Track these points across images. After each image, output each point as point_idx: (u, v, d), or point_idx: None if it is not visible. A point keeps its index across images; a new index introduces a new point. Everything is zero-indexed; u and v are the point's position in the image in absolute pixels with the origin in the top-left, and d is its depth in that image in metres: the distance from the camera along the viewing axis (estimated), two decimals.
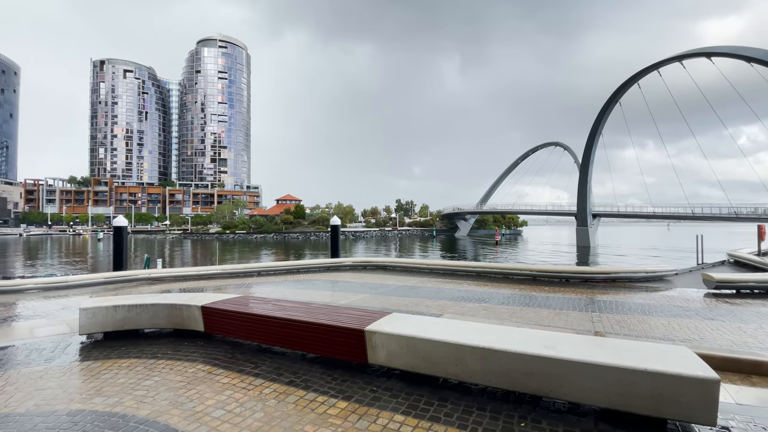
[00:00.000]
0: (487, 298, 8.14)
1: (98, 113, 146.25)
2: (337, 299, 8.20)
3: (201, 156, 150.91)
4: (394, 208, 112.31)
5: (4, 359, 4.65)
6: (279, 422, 3.12)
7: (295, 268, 13.18)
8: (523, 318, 6.47)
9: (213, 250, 50.14)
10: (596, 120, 55.73)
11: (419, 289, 9.42)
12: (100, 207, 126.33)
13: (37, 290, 9.80)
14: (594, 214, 57.56)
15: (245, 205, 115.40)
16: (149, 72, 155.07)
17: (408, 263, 13.10)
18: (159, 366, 4.41)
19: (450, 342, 3.61)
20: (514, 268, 11.28)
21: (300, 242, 68.08)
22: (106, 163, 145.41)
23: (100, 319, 5.44)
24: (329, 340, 4.34)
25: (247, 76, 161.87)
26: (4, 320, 6.82)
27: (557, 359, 3.15)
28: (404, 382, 3.85)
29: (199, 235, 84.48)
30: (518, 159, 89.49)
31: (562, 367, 3.13)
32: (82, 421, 3.15)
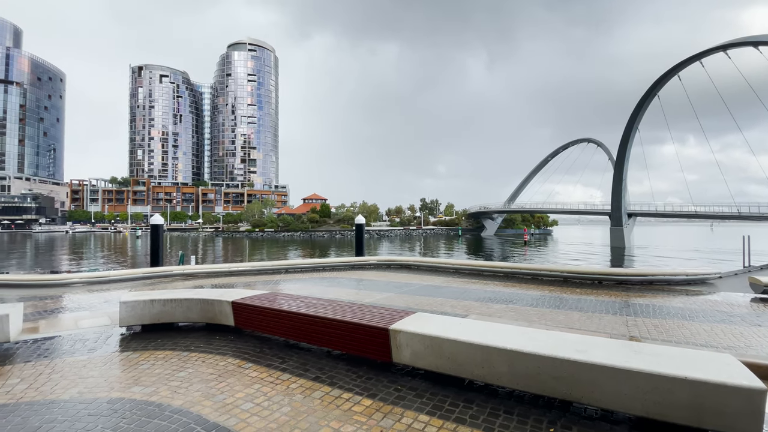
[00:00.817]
0: (515, 300, 7.96)
1: (137, 117, 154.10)
2: (362, 297, 8.25)
3: (231, 157, 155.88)
4: (419, 206, 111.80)
5: (51, 348, 4.97)
6: (305, 417, 3.17)
7: (320, 266, 13.38)
8: (553, 321, 6.28)
9: (243, 248, 51.70)
10: (632, 114, 53.19)
11: (444, 289, 9.33)
12: (139, 206, 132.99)
13: (81, 284, 10.43)
14: (629, 214, 55.05)
15: (273, 204, 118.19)
16: (183, 76, 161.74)
17: (433, 262, 13.00)
18: (192, 358, 4.59)
19: (476, 343, 3.55)
20: (543, 269, 10.96)
21: (325, 240, 69.03)
22: (144, 164, 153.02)
23: (138, 313, 5.73)
24: (354, 337, 4.37)
25: (275, 78, 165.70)
26: (51, 312, 7.30)
27: (589, 364, 3.03)
28: (429, 382, 3.83)
29: (230, 233, 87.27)
30: (548, 156, 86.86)
31: (594, 372, 3.01)
32: (121, 409, 3.32)
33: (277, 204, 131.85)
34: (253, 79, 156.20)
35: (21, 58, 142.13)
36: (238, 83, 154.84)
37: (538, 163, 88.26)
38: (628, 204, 55.66)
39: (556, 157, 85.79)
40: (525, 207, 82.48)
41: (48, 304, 7.94)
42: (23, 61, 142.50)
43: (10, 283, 10.41)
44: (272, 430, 2.98)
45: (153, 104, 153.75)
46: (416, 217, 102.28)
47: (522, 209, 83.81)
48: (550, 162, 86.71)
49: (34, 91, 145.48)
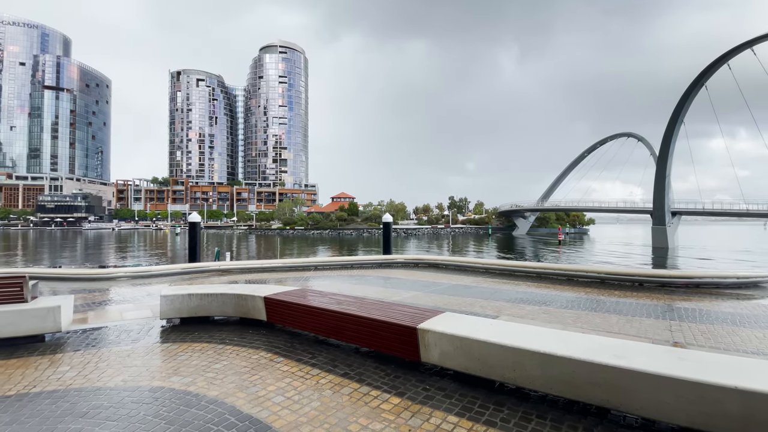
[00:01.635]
0: (548, 301, 7.69)
1: (175, 119, 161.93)
2: (390, 295, 8.25)
3: (264, 157, 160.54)
4: (447, 205, 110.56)
5: (99, 338, 5.31)
6: (334, 413, 3.21)
7: (348, 264, 13.51)
8: (590, 324, 6.02)
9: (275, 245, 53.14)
10: (677, 106, 49.98)
11: (473, 288, 9.16)
12: (178, 204, 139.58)
13: (126, 278, 11.08)
14: (673, 212, 51.87)
15: (303, 203, 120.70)
16: (218, 80, 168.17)
17: (461, 262, 12.81)
18: (227, 351, 4.76)
19: (507, 345, 3.46)
20: (579, 270, 10.53)
21: (353, 239, 69.69)
22: (183, 164, 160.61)
23: (177, 306, 6.01)
24: (382, 335, 4.38)
25: (305, 79, 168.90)
26: (99, 304, 7.80)
27: (629, 370, 2.88)
28: (458, 382, 3.77)
29: (262, 231, 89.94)
30: (584, 152, 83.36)
31: (634, 378, 2.86)
32: (161, 398, 3.49)
33: (307, 202, 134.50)
34: (284, 81, 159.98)
35: (71, 66, 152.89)
36: (270, 85, 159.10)
37: (573, 159, 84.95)
38: (672, 202, 52.45)
39: (593, 152, 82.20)
40: (559, 205, 79.56)
41: (96, 297, 8.49)
42: (73, 69, 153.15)
43: (62, 276, 11.22)
44: (302, 423, 3.03)
45: (190, 107, 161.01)
46: (444, 215, 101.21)
47: (556, 207, 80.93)
48: (586, 158, 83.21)
49: (83, 97, 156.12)
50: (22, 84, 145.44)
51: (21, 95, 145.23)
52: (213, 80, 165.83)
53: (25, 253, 41.66)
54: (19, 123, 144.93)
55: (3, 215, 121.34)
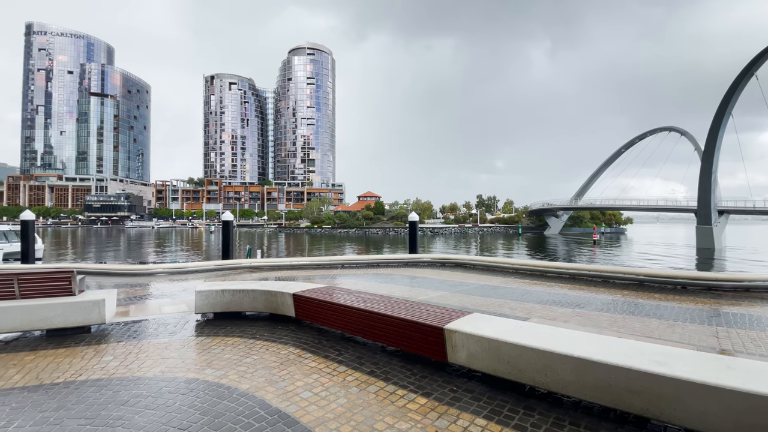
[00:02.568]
0: (582, 304, 7.40)
1: (210, 122, 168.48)
2: (416, 295, 8.20)
3: (293, 157, 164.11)
4: (475, 203, 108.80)
5: (140, 331, 5.60)
6: (360, 410, 3.22)
7: (375, 262, 13.55)
8: (627, 328, 5.73)
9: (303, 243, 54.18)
10: (724, 98, 46.71)
11: (502, 289, 8.95)
12: (212, 204, 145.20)
13: (164, 274, 11.62)
14: (720, 210, 48.58)
15: (330, 202, 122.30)
16: (249, 83, 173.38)
17: (490, 262, 12.55)
18: (257, 346, 4.89)
19: (538, 348, 3.34)
20: (616, 271, 10.05)
21: (379, 237, 69.90)
22: (216, 165, 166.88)
23: (211, 301, 6.24)
24: (408, 335, 4.35)
25: (332, 80, 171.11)
26: (140, 298, 8.23)
27: (671, 378, 2.71)
28: (486, 385, 3.69)
29: (291, 229, 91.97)
30: (621, 148, 79.56)
31: (677, 387, 2.69)
32: (196, 389, 3.63)
33: (334, 201, 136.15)
34: (312, 82, 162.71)
35: (114, 73, 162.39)
36: (298, 87, 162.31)
37: (610, 155, 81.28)
38: (718, 199, 49.14)
39: (631, 148, 78.30)
40: (594, 203, 76.31)
41: (137, 291, 8.96)
42: (116, 76, 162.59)
43: (107, 271, 11.92)
44: (329, 420, 3.06)
45: (223, 110, 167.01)
46: (472, 214, 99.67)
47: (591, 206, 77.69)
48: (623, 154, 79.37)
49: (125, 102, 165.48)
50: (71, 91, 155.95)
51: (69, 102, 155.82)
52: (244, 83, 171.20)
53: (74, 250, 44.66)
54: (68, 128, 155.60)
55: (54, 214, 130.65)
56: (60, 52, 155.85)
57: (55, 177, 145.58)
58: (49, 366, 4.23)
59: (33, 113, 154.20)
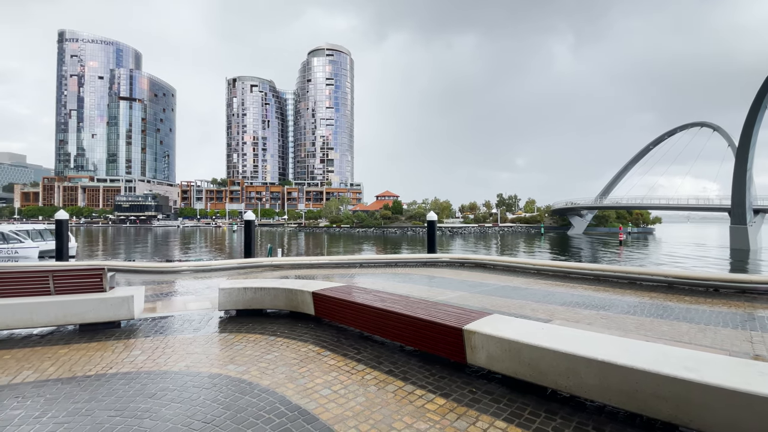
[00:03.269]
0: (607, 306, 7.18)
1: (232, 124, 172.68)
2: (434, 295, 8.15)
3: (312, 157, 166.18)
4: (495, 202, 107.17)
5: (166, 326, 5.79)
6: (379, 409, 3.23)
7: (393, 262, 13.55)
8: (655, 332, 5.53)
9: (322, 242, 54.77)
10: (759, 92, 44.24)
11: (524, 290, 8.79)
12: (234, 203, 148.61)
13: (189, 272, 11.97)
14: (756, 209, 46.14)
15: (349, 202, 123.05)
16: (270, 85, 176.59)
17: (511, 262, 12.34)
18: (278, 343, 4.98)
19: (560, 351, 3.27)
20: (643, 273, 9.71)
21: (397, 237, 69.84)
22: (239, 166, 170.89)
23: (234, 298, 6.39)
24: (426, 335, 4.33)
25: (350, 80, 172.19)
26: (166, 295, 8.51)
27: (701, 384, 2.60)
28: (506, 387, 3.63)
29: (311, 229, 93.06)
30: (649, 145, 76.65)
31: (707, 394, 2.58)
32: (219, 384, 3.73)
33: (352, 201, 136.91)
34: (331, 83, 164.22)
35: (141, 78, 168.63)
36: (318, 88, 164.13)
37: (636, 152, 78.51)
38: (754, 198, 46.67)
39: (659, 145, 75.38)
40: (620, 202, 73.79)
41: (163, 288, 9.27)
42: (143, 80, 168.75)
43: (135, 269, 12.38)
44: (348, 417, 3.09)
45: (245, 112, 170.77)
46: (492, 213, 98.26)
47: (617, 205, 75.17)
48: (651, 151, 76.47)
49: (152, 105, 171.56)
50: (101, 96, 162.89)
51: (100, 106, 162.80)
52: (265, 85, 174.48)
53: (105, 248, 46.60)
54: (99, 131, 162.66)
55: (86, 213, 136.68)
56: (91, 58, 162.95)
57: (87, 178, 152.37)
58: (81, 359, 4.43)
59: (66, 117, 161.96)
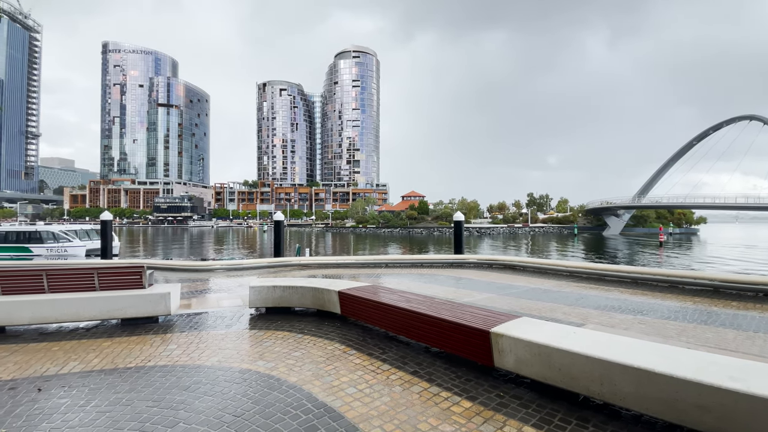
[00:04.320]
0: (645, 310, 6.83)
1: (262, 127, 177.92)
2: (461, 296, 8.04)
3: (339, 159, 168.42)
4: (525, 202, 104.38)
5: (200, 322, 6.03)
6: (404, 409, 3.22)
7: (419, 262, 13.48)
8: (698, 339, 5.21)
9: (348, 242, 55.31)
10: None
11: (555, 293, 8.51)
12: (265, 204, 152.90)
13: (222, 270, 12.42)
14: None
15: (375, 202, 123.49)
16: (298, 88, 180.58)
17: (542, 264, 11.97)
18: (305, 341, 5.07)
19: (593, 356, 3.14)
20: (686, 276, 9.16)
21: (423, 237, 69.39)
22: (269, 168, 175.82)
23: (264, 296, 6.57)
24: (452, 336, 4.28)
25: (376, 81, 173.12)
26: (201, 292, 8.86)
27: (749, 395, 2.42)
28: (535, 392, 3.53)
29: (338, 229, 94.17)
30: (693, 140, 72.40)
31: (756, 406, 2.39)
32: (249, 379, 3.85)
33: (378, 201, 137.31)
34: (357, 85, 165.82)
35: (178, 85, 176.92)
36: (344, 89, 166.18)
37: (678, 149, 74.33)
38: None
39: (703, 140, 71.01)
40: (661, 201, 69.99)
41: (198, 286, 9.66)
42: (180, 87, 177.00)
43: (172, 267, 12.98)
44: (373, 417, 3.10)
45: (275, 115, 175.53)
46: (522, 213, 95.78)
47: (657, 204, 71.37)
48: (695, 147, 72.19)
49: (188, 111, 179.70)
50: (141, 103, 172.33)
51: (140, 113, 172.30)
52: (294, 89, 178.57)
53: (145, 247, 49.14)
54: (140, 136, 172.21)
55: (128, 214, 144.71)
56: (132, 67, 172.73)
57: (128, 181, 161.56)
58: (122, 352, 4.69)
59: (110, 124, 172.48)
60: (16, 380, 3.84)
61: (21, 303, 5.48)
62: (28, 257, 21.75)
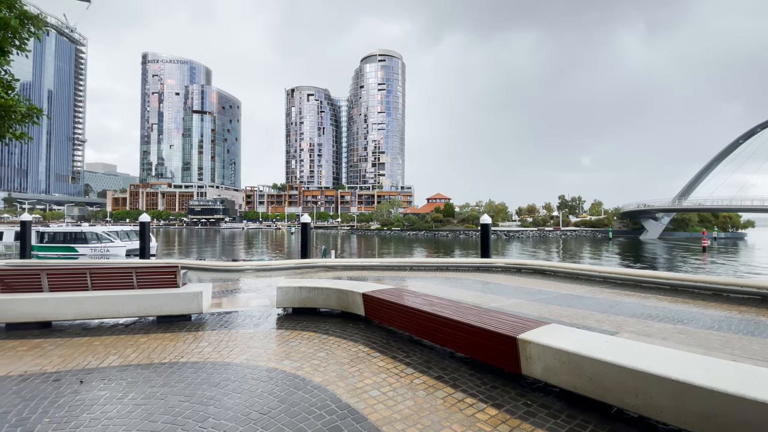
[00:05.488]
0: (685, 319, 6.45)
1: (291, 132, 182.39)
2: (488, 301, 7.89)
3: (364, 162, 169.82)
4: (556, 204, 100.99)
5: (230, 321, 6.22)
6: (428, 414, 3.19)
7: (444, 266, 13.34)
8: (744, 350, 4.86)
9: (373, 244, 55.51)
10: None
11: (587, 299, 8.18)
12: (293, 207, 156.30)
13: (252, 271, 12.77)
14: None
15: (399, 204, 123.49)
16: (325, 93, 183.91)
17: (573, 268, 11.55)
18: (330, 341, 5.13)
19: (627, 367, 2.99)
20: (731, 283, 8.58)
21: (449, 240, 68.61)
22: (297, 171, 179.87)
23: (290, 297, 6.70)
24: (477, 342, 4.20)
25: (402, 84, 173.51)
26: (231, 292, 9.14)
27: None
28: (565, 402, 3.40)
29: (363, 231, 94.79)
30: (739, 139, 67.82)
31: None
32: (275, 378, 3.93)
33: (403, 204, 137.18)
34: (383, 88, 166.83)
35: (211, 92, 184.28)
36: (370, 93, 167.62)
37: (723, 148, 69.84)
38: None
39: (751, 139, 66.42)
40: (704, 204, 65.84)
41: (228, 285, 9.98)
42: (213, 94, 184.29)
43: (205, 267, 13.47)
44: (396, 420, 3.09)
45: (302, 120, 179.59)
46: (553, 216, 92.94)
47: (700, 206, 67.17)
48: (741, 146, 67.60)
49: (220, 117, 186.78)
50: (177, 110, 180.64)
51: (177, 119, 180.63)
52: (321, 94, 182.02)
53: (180, 248, 51.30)
54: (176, 142, 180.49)
55: (165, 216, 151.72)
56: (169, 76, 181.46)
57: (165, 185, 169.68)
58: (158, 347, 4.91)
59: (149, 130, 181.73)
60: (60, 372, 4.10)
61: (67, 299, 5.85)
62: (73, 256, 23.23)
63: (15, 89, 5.10)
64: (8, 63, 4.95)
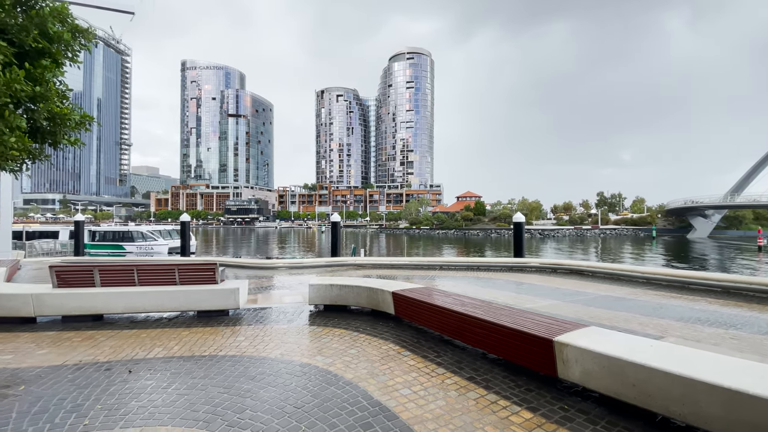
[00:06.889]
0: (739, 324, 6.00)
1: (320, 133, 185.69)
2: (522, 302, 7.68)
3: (392, 160, 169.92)
4: (595, 202, 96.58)
5: (265, 317, 6.42)
6: (459, 415, 3.16)
7: (475, 265, 13.11)
8: None
9: (402, 243, 55.50)
10: None
11: (629, 301, 7.78)
12: (323, 206, 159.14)
13: (285, 268, 13.13)
14: None
15: (428, 203, 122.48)
16: (354, 93, 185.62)
17: (614, 269, 11.01)
18: (360, 339, 5.19)
19: (674, 373, 2.83)
20: None
21: (480, 239, 67.33)
22: (326, 171, 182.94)
23: (322, 294, 6.84)
24: (511, 343, 4.10)
25: (431, 81, 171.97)
26: (266, 289, 9.44)
27: None
28: (604, 408, 3.26)
29: (391, 230, 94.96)
30: None
31: None
32: (308, 373, 4.02)
33: (432, 202, 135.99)
34: (411, 86, 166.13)
35: (246, 96, 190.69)
36: (398, 92, 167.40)
37: None
38: None
39: None
40: (760, 200, 60.71)
41: (263, 282, 10.31)
42: (247, 98, 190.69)
43: (241, 264, 14.00)
44: (427, 420, 3.08)
45: (332, 121, 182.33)
46: (591, 214, 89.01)
47: (755, 203, 62.05)
48: None
49: (254, 120, 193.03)
50: (214, 114, 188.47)
51: (213, 123, 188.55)
52: (349, 94, 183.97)
53: (217, 246, 53.55)
54: (213, 145, 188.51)
55: (203, 216, 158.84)
56: (206, 82, 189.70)
57: (204, 186, 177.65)
58: (198, 341, 5.16)
59: (188, 134, 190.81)
60: (111, 362, 4.40)
61: (117, 294, 6.26)
62: (121, 254, 24.83)
63: (69, 98, 5.49)
64: (62, 74, 5.33)
